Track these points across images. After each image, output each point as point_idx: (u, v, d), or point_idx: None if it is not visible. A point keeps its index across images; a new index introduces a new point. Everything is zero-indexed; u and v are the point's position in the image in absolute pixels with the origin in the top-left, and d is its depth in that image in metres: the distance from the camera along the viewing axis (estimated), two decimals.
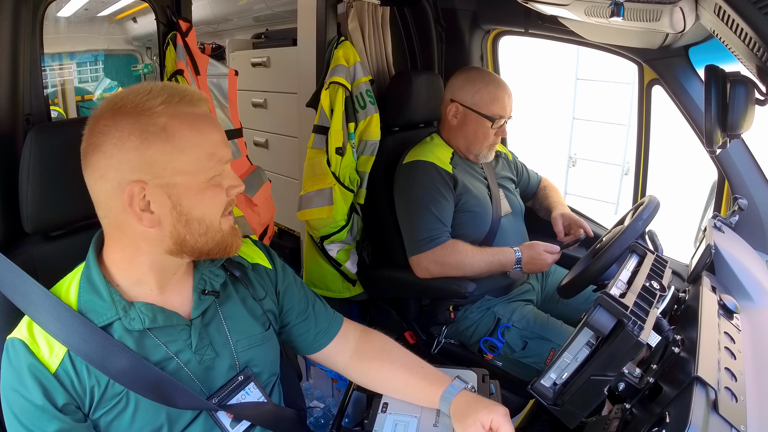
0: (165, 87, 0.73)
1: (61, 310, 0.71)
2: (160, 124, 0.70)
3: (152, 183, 0.70)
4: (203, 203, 0.74)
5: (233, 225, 0.80)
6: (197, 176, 0.72)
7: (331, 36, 1.67)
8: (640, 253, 1.05)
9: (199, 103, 0.75)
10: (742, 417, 0.67)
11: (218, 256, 0.79)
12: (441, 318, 1.53)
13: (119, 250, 0.76)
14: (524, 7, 1.33)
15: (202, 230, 0.74)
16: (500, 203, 1.58)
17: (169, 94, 0.72)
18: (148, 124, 0.70)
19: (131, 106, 0.70)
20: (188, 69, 1.51)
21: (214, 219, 0.75)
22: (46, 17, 1.26)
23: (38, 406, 0.68)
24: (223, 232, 0.77)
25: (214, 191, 0.75)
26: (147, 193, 0.70)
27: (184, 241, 0.74)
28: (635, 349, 0.76)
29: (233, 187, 0.78)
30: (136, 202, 0.70)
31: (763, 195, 1.37)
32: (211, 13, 3.00)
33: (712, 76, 0.95)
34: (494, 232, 1.54)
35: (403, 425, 0.87)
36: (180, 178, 0.71)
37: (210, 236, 0.75)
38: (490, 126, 1.51)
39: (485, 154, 1.57)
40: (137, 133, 0.69)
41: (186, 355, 0.77)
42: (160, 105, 0.71)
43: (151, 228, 0.72)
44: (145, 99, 0.70)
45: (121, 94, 0.72)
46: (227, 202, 0.77)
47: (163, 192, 0.71)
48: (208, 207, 0.74)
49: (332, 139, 1.61)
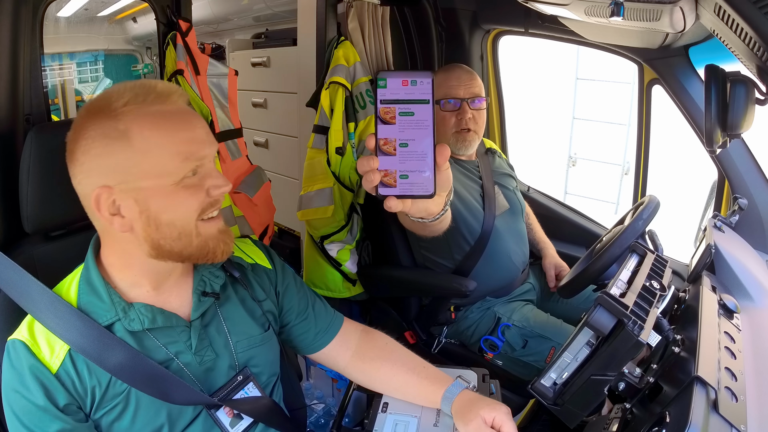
0: (134, 86, 0.70)
1: (60, 306, 0.72)
2: (121, 127, 0.68)
3: (118, 188, 0.69)
4: (173, 207, 0.70)
5: (222, 229, 0.75)
6: (164, 179, 0.69)
7: (331, 36, 1.67)
8: (640, 252, 1.05)
9: (169, 99, 0.71)
10: (742, 417, 0.67)
11: (202, 261, 0.76)
12: (442, 318, 1.53)
13: (112, 252, 0.76)
14: (524, 6, 1.33)
15: (174, 235, 0.71)
16: (495, 201, 1.54)
17: (134, 94, 0.69)
18: (110, 129, 0.68)
19: (96, 110, 0.69)
20: (188, 69, 1.52)
21: (187, 223, 0.71)
22: (46, 17, 1.26)
23: (40, 407, 0.68)
24: (203, 237, 0.73)
25: (187, 193, 0.70)
26: (116, 198, 0.69)
27: (159, 245, 0.71)
28: (635, 348, 0.76)
29: (215, 187, 0.73)
30: (104, 207, 0.69)
31: (763, 195, 1.37)
32: (211, 13, 3.00)
33: (712, 76, 0.95)
34: (488, 232, 1.50)
35: (403, 425, 0.87)
36: (145, 182, 0.69)
37: (185, 241, 0.72)
38: (440, 109, 1.46)
39: (459, 145, 1.50)
40: (99, 139, 0.68)
41: (186, 357, 0.77)
42: (125, 106, 0.68)
43: (123, 232, 0.71)
44: (111, 101, 0.69)
45: (95, 97, 0.72)
46: (208, 203, 0.72)
47: (130, 197, 0.69)
48: (179, 210, 0.70)
49: (332, 139, 1.62)
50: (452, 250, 1.51)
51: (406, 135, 0.55)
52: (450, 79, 1.48)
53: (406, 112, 0.55)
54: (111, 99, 0.69)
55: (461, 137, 1.49)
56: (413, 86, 0.55)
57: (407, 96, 0.55)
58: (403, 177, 0.56)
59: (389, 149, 0.55)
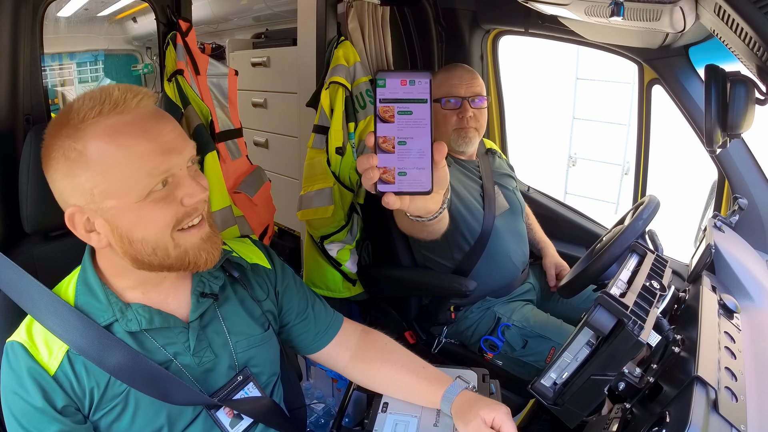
0: (92, 96, 0.66)
1: (59, 306, 0.72)
2: (79, 148, 0.65)
3: (87, 208, 0.68)
4: (142, 224, 0.67)
5: (205, 237, 0.73)
6: (128, 197, 0.66)
7: (331, 36, 1.67)
8: (640, 252, 1.05)
9: (125, 108, 0.66)
10: (742, 417, 0.67)
11: (186, 270, 0.74)
12: (442, 318, 1.53)
13: (103, 261, 0.76)
14: (524, 6, 1.33)
15: (148, 250, 0.69)
16: (495, 201, 1.54)
17: (91, 106, 0.65)
18: (69, 150, 0.65)
19: (58, 127, 0.67)
20: (188, 69, 1.51)
21: (161, 237, 0.69)
22: (46, 17, 1.26)
23: (38, 409, 0.68)
24: (182, 248, 0.70)
25: (155, 207, 0.67)
26: (88, 216, 0.68)
27: (137, 259, 0.70)
28: (635, 348, 0.76)
29: (189, 195, 0.69)
30: (79, 225, 0.69)
31: (763, 195, 1.37)
32: (211, 13, 3.00)
33: (712, 76, 0.95)
34: (488, 232, 1.50)
35: (403, 425, 0.87)
36: (109, 202, 0.66)
37: (162, 254, 0.69)
38: (441, 108, 1.47)
39: (459, 143, 1.50)
40: (62, 161, 0.66)
41: (185, 358, 0.77)
42: (81, 122, 0.65)
43: (101, 248, 0.71)
44: (70, 117, 0.66)
45: (64, 108, 0.68)
46: (183, 212, 0.69)
47: (99, 216, 0.68)
48: (149, 227, 0.68)
49: (332, 139, 1.62)
50: (452, 250, 1.51)
51: (405, 133, 0.57)
52: (452, 78, 1.48)
53: (405, 111, 0.57)
54: (70, 114, 0.66)
55: (462, 135, 1.49)
56: (411, 86, 0.56)
57: (406, 95, 0.56)
58: (401, 174, 0.57)
59: (388, 147, 0.57)
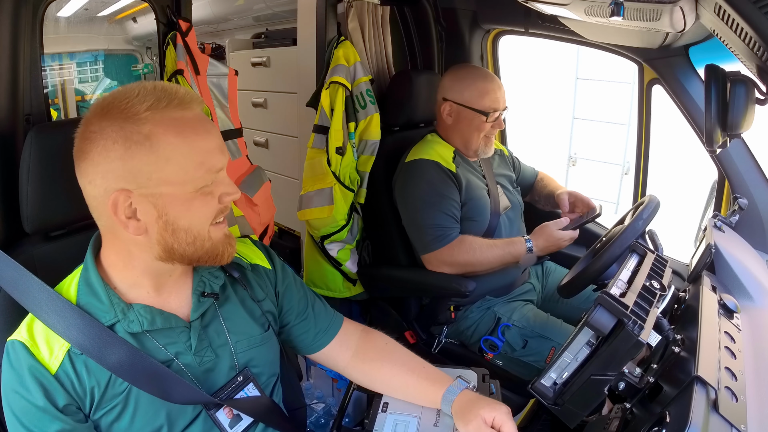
0: (155, 89, 0.70)
1: (60, 304, 0.72)
2: (145, 132, 0.67)
3: (137, 192, 0.69)
4: (190, 213, 0.71)
5: (227, 233, 0.77)
6: (184, 186, 0.70)
7: (331, 36, 1.67)
8: (640, 252, 1.05)
9: (190, 106, 0.71)
10: (742, 416, 0.67)
11: (209, 263, 0.77)
12: (442, 318, 1.53)
13: (114, 252, 0.76)
14: (524, 6, 1.33)
15: (189, 239, 0.72)
16: (498, 200, 1.57)
17: (156, 98, 0.68)
18: (132, 132, 0.67)
19: (117, 111, 0.68)
20: (188, 69, 1.51)
21: (202, 228, 0.73)
22: (46, 17, 1.26)
23: (39, 407, 0.68)
24: (213, 241, 0.75)
25: (203, 200, 0.72)
26: (133, 201, 0.69)
27: (171, 249, 0.72)
28: (635, 348, 0.76)
29: (227, 194, 0.75)
30: (121, 210, 0.69)
31: (763, 195, 1.37)
32: (211, 13, 3.00)
33: (712, 76, 0.95)
34: (493, 229, 1.53)
35: (403, 425, 0.87)
36: (165, 188, 0.69)
37: (198, 245, 0.73)
38: (485, 120, 1.50)
39: (483, 149, 1.56)
40: (121, 142, 0.67)
41: (186, 357, 0.77)
42: (147, 110, 0.68)
43: (137, 236, 0.71)
44: (132, 103, 0.68)
45: (109, 97, 0.70)
46: (218, 209, 0.74)
47: (149, 201, 0.69)
48: (195, 217, 0.72)
49: (332, 139, 1.62)
50: None
51: None
52: (495, 90, 1.52)
53: None
54: (132, 101, 0.68)
55: (488, 142, 1.56)
56: None
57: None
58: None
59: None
